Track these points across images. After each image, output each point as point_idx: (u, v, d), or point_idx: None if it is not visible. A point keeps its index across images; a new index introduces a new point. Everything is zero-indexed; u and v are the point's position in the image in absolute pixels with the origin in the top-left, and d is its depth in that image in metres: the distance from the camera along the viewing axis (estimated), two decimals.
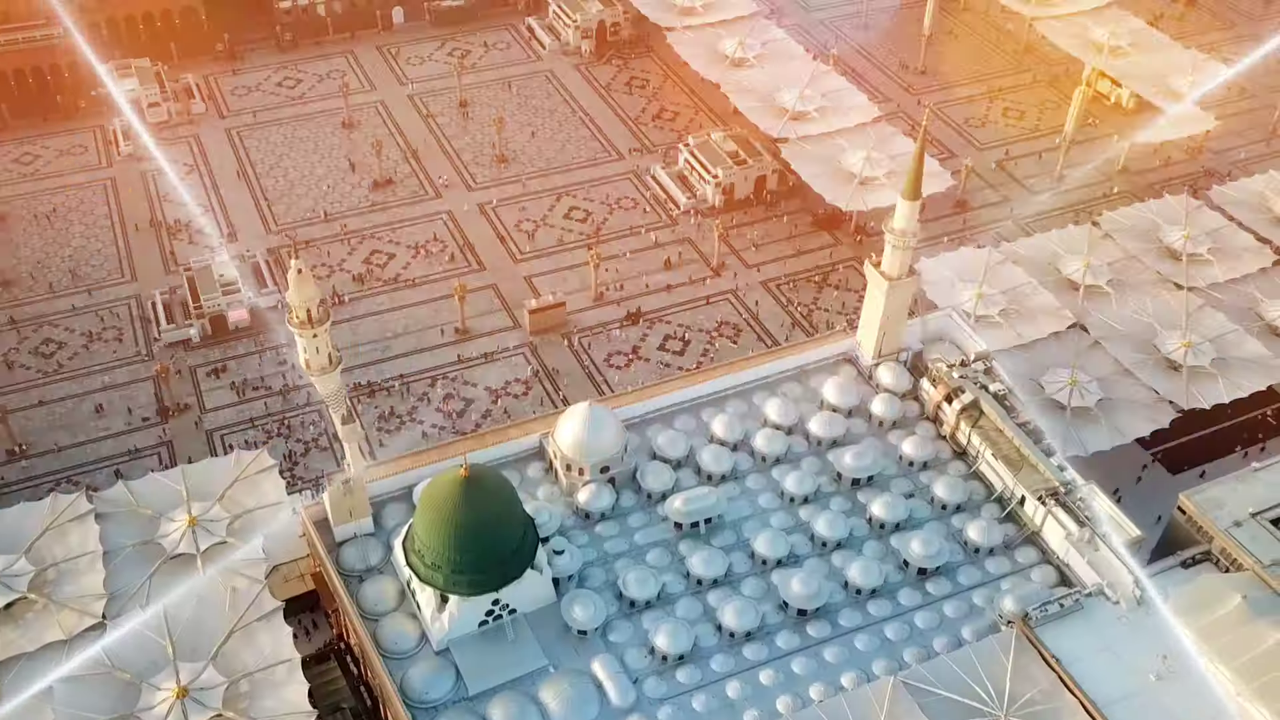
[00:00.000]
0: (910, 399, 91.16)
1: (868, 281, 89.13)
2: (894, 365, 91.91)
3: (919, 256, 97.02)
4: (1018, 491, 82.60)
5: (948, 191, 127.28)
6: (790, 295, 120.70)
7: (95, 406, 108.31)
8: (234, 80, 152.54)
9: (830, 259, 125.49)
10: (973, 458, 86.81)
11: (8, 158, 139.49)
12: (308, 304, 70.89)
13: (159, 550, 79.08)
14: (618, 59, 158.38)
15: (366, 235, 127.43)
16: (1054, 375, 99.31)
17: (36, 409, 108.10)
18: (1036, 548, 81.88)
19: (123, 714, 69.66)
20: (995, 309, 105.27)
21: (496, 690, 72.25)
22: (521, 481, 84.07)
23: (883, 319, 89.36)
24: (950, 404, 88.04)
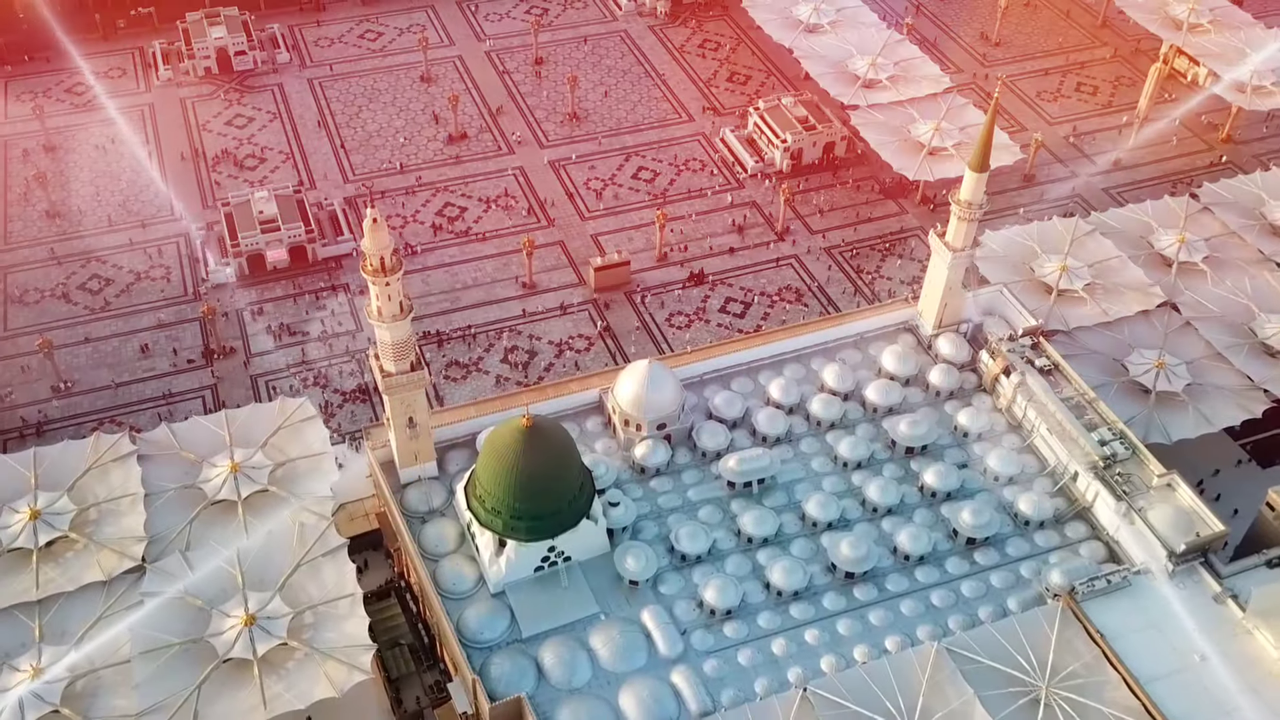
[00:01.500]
0: (968, 370, 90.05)
1: (931, 252, 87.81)
2: (953, 336, 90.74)
3: (983, 229, 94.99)
4: (1071, 467, 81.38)
5: (1016, 165, 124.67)
6: (853, 262, 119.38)
7: (140, 346, 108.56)
8: (317, 31, 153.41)
9: (895, 228, 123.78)
10: (1028, 431, 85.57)
11: (60, 87, 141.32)
12: (381, 252, 71.47)
13: (200, 495, 78.95)
14: (692, 21, 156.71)
15: (440, 188, 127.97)
16: (1140, 357, 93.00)
17: (82, 346, 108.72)
18: (1087, 523, 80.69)
19: (194, 637, 71.45)
20: (1080, 283, 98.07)
21: (548, 634, 73.15)
22: (580, 434, 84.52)
23: (945, 290, 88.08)
24: (1008, 377, 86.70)
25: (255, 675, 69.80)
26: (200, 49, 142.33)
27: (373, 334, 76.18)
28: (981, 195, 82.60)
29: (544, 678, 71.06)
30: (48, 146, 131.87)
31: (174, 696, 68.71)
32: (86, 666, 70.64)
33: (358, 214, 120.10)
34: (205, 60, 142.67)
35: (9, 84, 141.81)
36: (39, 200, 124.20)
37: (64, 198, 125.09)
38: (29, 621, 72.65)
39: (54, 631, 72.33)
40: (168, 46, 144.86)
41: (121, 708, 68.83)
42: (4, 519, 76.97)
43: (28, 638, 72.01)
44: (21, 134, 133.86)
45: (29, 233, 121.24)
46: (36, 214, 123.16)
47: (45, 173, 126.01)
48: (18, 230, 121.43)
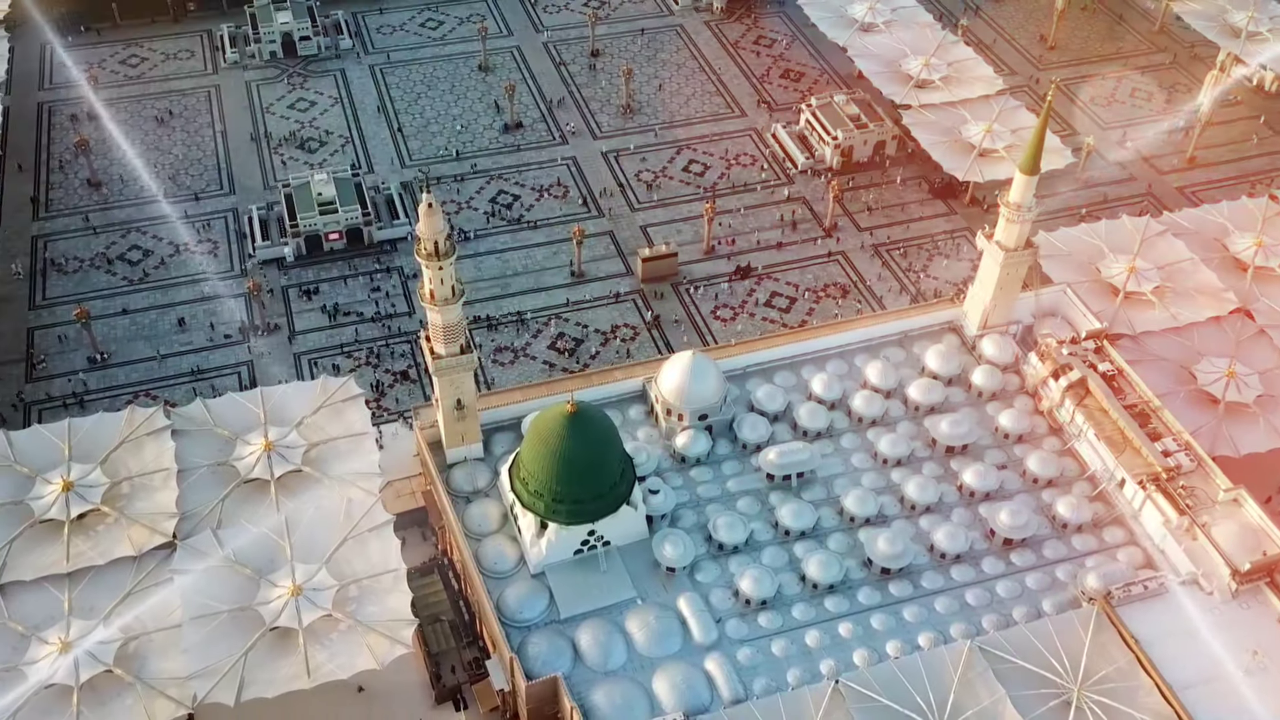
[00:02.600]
0: (1012, 372, 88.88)
1: (982, 252, 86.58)
2: (999, 337, 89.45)
3: (1036, 229, 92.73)
4: (1118, 474, 79.76)
5: (1068, 168, 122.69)
6: (900, 261, 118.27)
7: (179, 319, 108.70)
8: (380, 19, 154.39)
9: (943, 228, 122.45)
10: (1073, 436, 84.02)
11: (115, 59, 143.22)
12: (436, 237, 71.95)
13: (233, 473, 79.20)
14: (748, 17, 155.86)
15: (494, 176, 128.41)
16: (1209, 365, 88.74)
17: (119, 318, 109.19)
18: (1131, 532, 79.04)
19: (242, 605, 72.52)
20: (1148, 286, 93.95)
21: (586, 616, 73.51)
22: (623, 422, 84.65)
23: (994, 290, 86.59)
24: (1056, 380, 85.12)
25: (300, 644, 70.75)
26: (266, 33, 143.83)
27: (424, 316, 76.67)
28: (1031, 198, 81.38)
29: (580, 659, 71.41)
30: (93, 115, 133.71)
31: (222, 661, 69.86)
32: (139, 629, 71.86)
33: (414, 198, 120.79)
34: (271, 45, 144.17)
35: (68, 52, 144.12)
36: (81, 168, 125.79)
37: (105, 166, 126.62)
38: (59, 594, 73.16)
39: (83, 605, 72.67)
40: (235, 30, 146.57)
41: (171, 670, 70.06)
42: (37, 489, 77.47)
43: (57, 610, 72.41)
44: (67, 100, 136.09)
45: (70, 200, 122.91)
46: (78, 182, 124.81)
47: (88, 140, 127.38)
48: (59, 198, 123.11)
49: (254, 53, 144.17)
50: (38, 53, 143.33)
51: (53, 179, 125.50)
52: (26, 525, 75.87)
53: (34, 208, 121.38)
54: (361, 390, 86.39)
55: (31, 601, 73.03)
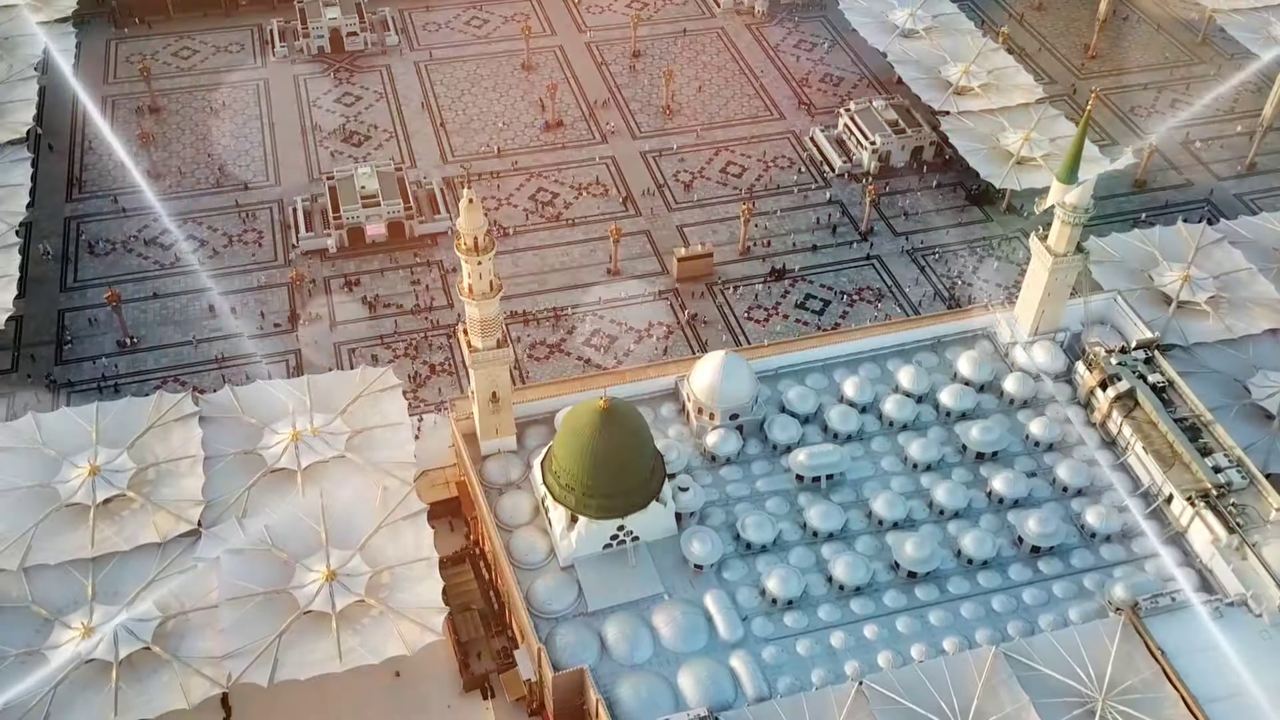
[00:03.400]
0: (1063, 380, 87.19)
1: (1031, 256, 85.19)
2: (1047, 344, 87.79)
3: (1087, 235, 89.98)
4: (1165, 489, 78.01)
5: (1127, 170, 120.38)
6: (935, 266, 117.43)
7: (230, 308, 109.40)
8: (426, 16, 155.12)
9: (979, 235, 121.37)
10: (1122, 449, 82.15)
11: (167, 50, 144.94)
12: (475, 232, 72.26)
13: (260, 461, 79.47)
14: (789, 21, 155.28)
15: (534, 173, 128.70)
16: (1265, 379, 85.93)
17: (150, 302, 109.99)
18: (1179, 549, 77.33)
19: (278, 588, 73.25)
20: (1203, 295, 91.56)
21: (614, 610, 73.62)
22: (655, 419, 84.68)
23: (1043, 295, 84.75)
24: (1103, 390, 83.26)
25: (333, 629, 71.37)
26: (315, 29, 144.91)
27: (463, 310, 76.96)
28: (1088, 200, 79.78)
29: (607, 651, 71.53)
30: (152, 108, 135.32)
31: (256, 642, 70.59)
32: (177, 608, 72.66)
33: (455, 194, 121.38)
34: (319, 39, 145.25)
35: (119, 45, 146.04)
36: (141, 159, 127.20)
37: (164, 158, 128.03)
38: (82, 579, 73.65)
39: (106, 590, 73.08)
40: (284, 25, 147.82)
41: (207, 649, 70.91)
42: (64, 473, 77.95)
43: (80, 595, 72.89)
44: (130, 94, 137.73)
45: (103, 183, 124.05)
46: (139, 173, 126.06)
47: (150, 133, 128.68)
48: (91, 178, 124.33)
49: (302, 47, 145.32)
50: (103, 47, 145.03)
51: (100, 163, 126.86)
52: (52, 509, 76.46)
53: (69, 189, 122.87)
54: (399, 381, 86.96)
55: (55, 585, 73.48)
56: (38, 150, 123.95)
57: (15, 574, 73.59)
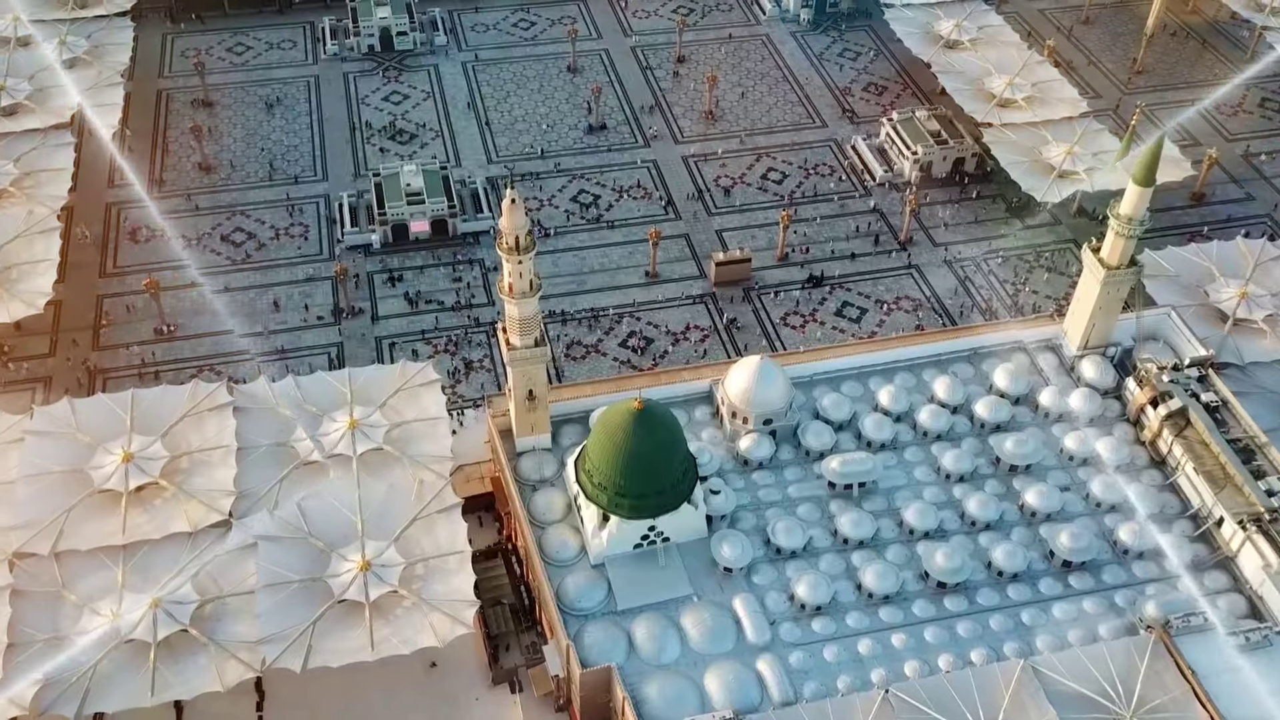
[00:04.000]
0: (1112, 396, 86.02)
1: (1083, 268, 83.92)
2: (1097, 359, 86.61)
3: (1142, 248, 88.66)
4: (1216, 512, 76.49)
5: (1185, 182, 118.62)
6: (973, 278, 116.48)
7: (273, 301, 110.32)
8: (475, 17, 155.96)
9: (1018, 245, 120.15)
10: (1171, 469, 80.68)
11: (222, 46, 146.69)
12: (517, 232, 72.55)
13: (293, 454, 79.88)
14: (834, 29, 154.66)
15: (577, 175, 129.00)
16: None
17: (219, 294, 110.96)
18: (1228, 574, 75.92)
19: (313, 576, 73.91)
20: (1260, 313, 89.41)
21: (642, 609, 73.63)
22: (688, 422, 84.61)
23: (1094, 309, 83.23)
24: (1154, 408, 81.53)
25: (366, 618, 71.90)
26: (366, 27, 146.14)
27: (502, 308, 77.31)
28: (1144, 211, 78.29)
29: (634, 650, 71.56)
30: (205, 102, 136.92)
31: (291, 629, 71.25)
32: (215, 592, 73.45)
33: (498, 193, 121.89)
34: (369, 38, 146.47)
35: (175, 39, 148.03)
36: (193, 152, 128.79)
37: (216, 151, 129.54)
38: (113, 566, 74.04)
39: (136, 579, 73.42)
40: (336, 23, 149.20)
41: (242, 634, 71.63)
42: (97, 459, 78.50)
43: (110, 582, 73.27)
44: (185, 88, 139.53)
45: (181, 181, 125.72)
46: (189, 165, 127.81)
47: (201, 126, 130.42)
48: (170, 179, 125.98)
49: (353, 45, 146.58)
50: (159, 41, 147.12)
51: (167, 161, 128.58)
52: (85, 494, 76.98)
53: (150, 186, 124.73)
54: (439, 376, 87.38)
55: (86, 572, 73.90)
56: (123, 142, 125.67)
57: (47, 559, 74.08)
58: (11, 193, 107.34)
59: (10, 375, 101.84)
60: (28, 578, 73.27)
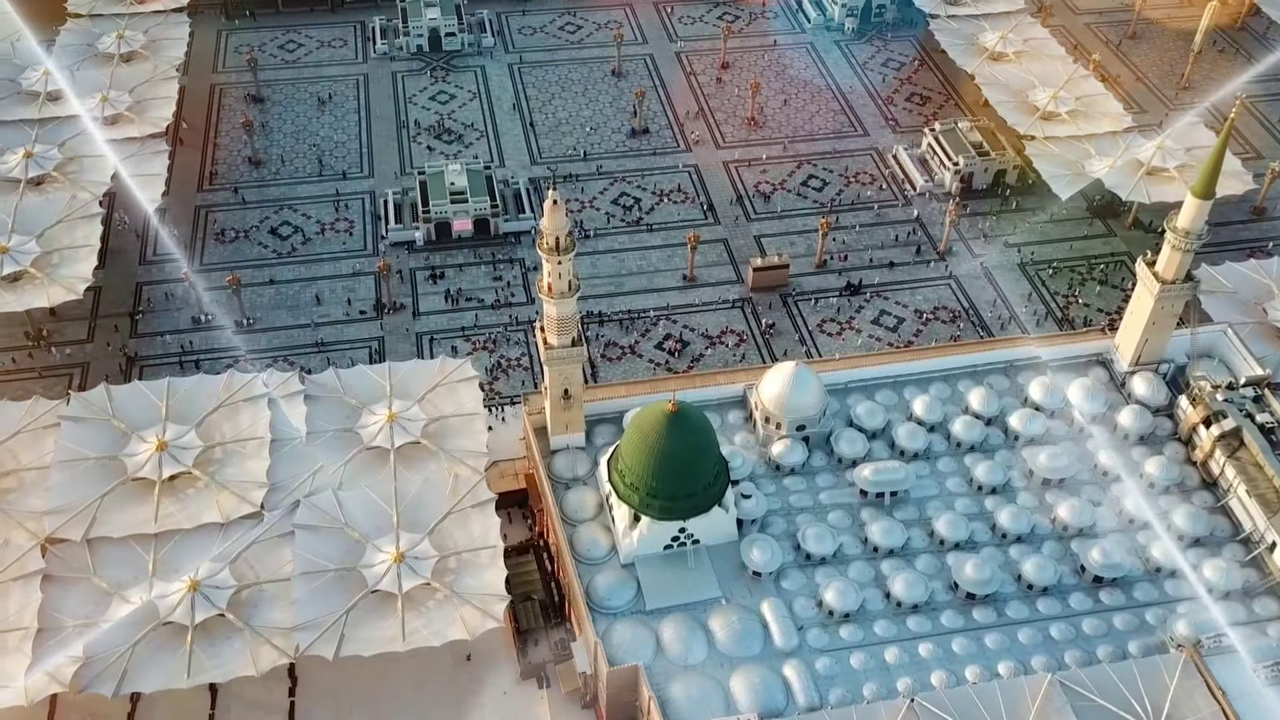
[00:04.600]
0: (1164, 415, 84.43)
1: (1137, 281, 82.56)
2: (1148, 375, 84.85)
3: (1198, 262, 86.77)
4: (1269, 536, 74.88)
5: (1245, 195, 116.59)
6: (1018, 288, 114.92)
7: (315, 296, 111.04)
8: (522, 20, 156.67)
9: (1061, 255, 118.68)
10: (1224, 491, 79.03)
11: (274, 43, 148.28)
12: (558, 232, 72.75)
13: (356, 439, 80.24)
14: (879, 39, 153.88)
15: (618, 178, 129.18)
16: None
17: (266, 287, 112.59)
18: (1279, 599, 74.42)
19: (348, 566, 74.47)
20: None
21: (671, 610, 73.55)
22: (721, 425, 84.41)
23: (1147, 324, 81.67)
24: (1206, 428, 79.81)
25: (398, 609, 72.36)
26: (415, 28, 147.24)
27: (541, 307, 77.56)
28: (1201, 225, 76.77)
29: (661, 650, 71.49)
30: (256, 97, 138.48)
31: (325, 617, 71.84)
32: (252, 578, 74.20)
33: (540, 194, 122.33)
34: (418, 38, 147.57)
35: (229, 35, 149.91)
36: (244, 146, 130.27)
37: (265, 146, 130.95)
38: (144, 554, 74.46)
39: (167, 568, 73.80)
40: (386, 23, 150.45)
41: (278, 620, 72.33)
42: (132, 446, 78.94)
43: (141, 570, 73.66)
44: (237, 83, 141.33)
45: (231, 175, 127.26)
46: (240, 159, 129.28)
47: (252, 120, 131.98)
48: (221, 172, 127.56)
49: (402, 45, 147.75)
50: (213, 37, 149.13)
51: (219, 155, 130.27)
52: (118, 482, 77.48)
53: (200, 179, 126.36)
54: (476, 373, 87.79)
55: (117, 559, 74.33)
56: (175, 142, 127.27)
57: (79, 545, 74.58)
58: (55, 178, 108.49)
59: (49, 360, 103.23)
60: (60, 563, 73.85)
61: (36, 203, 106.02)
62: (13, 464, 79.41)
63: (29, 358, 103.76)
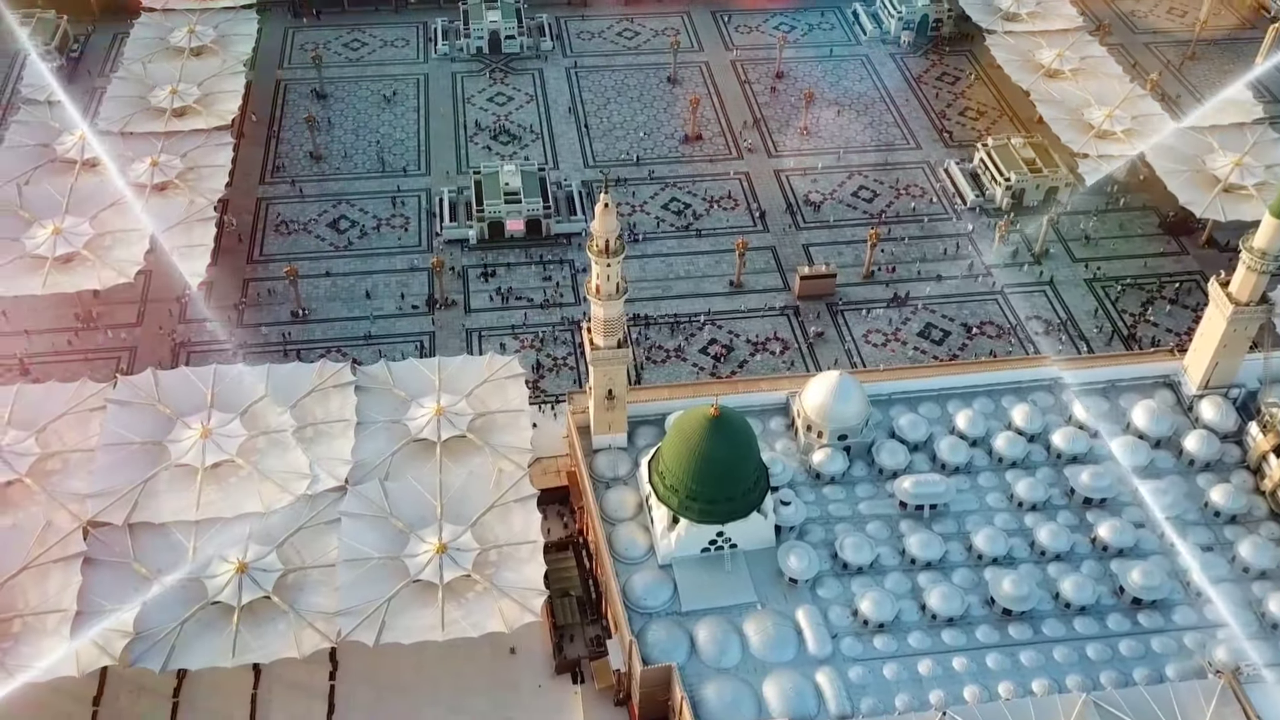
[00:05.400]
0: (1232, 441, 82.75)
1: (1210, 302, 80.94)
2: (1217, 399, 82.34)
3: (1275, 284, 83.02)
4: None
5: None
6: (1078, 305, 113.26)
7: (365, 292, 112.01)
8: (581, 25, 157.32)
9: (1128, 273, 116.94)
10: None
11: (339, 41, 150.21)
12: (608, 235, 72.98)
13: (404, 430, 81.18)
14: (934, 53, 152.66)
15: (670, 183, 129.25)
16: None
17: (323, 279, 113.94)
18: None
19: (392, 555, 75.11)
20: None
21: (706, 612, 73.46)
22: (763, 431, 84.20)
23: (1218, 347, 79.74)
24: (1279, 457, 77.56)
25: (439, 599, 72.84)
26: (476, 30, 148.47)
27: (588, 308, 77.81)
28: (1279, 246, 74.62)
29: (696, 652, 71.42)
30: (319, 94, 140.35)
31: (367, 603, 72.50)
32: (298, 563, 75.16)
33: (592, 197, 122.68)
34: (479, 40, 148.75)
35: (295, 33, 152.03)
36: (306, 141, 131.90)
37: (326, 142, 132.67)
38: (185, 541, 74.78)
39: (205, 556, 74.36)
40: (448, 25, 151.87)
41: (321, 604, 73.09)
42: (176, 432, 79.90)
43: (181, 557, 73.83)
44: (302, 79, 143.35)
45: (292, 169, 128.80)
46: (301, 153, 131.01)
47: (315, 116, 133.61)
48: (283, 166, 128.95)
49: (462, 46, 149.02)
50: (281, 34, 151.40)
51: (283, 150, 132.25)
52: (161, 467, 77.81)
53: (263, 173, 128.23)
54: (523, 370, 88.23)
55: (157, 545, 74.61)
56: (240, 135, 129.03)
57: (120, 529, 75.24)
58: (176, 184, 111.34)
59: (100, 342, 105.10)
60: (101, 547, 74.48)
61: (159, 204, 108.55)
62: (59, 445, 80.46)
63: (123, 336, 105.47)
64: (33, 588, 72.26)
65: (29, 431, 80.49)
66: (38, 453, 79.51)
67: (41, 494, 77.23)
